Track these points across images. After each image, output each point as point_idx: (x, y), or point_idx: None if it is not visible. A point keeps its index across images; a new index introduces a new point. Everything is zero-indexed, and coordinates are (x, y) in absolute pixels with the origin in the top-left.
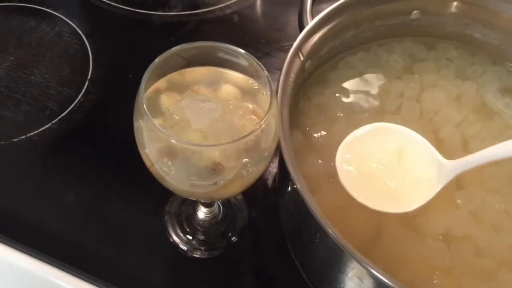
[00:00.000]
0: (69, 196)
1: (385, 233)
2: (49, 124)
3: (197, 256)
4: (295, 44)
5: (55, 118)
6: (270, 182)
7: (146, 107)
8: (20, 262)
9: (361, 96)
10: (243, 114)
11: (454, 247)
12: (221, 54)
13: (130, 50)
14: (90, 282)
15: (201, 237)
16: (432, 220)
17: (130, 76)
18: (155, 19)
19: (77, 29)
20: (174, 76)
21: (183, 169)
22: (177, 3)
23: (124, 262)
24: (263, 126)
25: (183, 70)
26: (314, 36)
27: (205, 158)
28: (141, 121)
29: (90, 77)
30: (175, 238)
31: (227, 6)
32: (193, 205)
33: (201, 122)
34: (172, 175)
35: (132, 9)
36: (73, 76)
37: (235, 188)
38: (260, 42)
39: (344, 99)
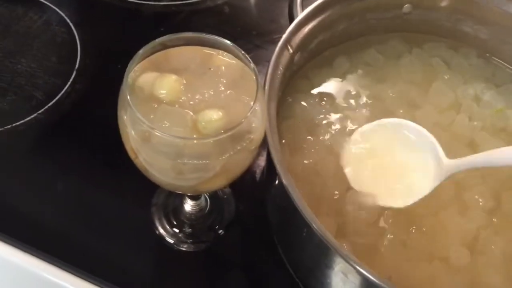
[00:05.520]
0: (55, 187)
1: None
2: (35, 114)
3: (184, 249)
4: (284, 36)
5: (42, 108)
6: (258, 175)
7: (130, 99)
8: (4, 254)
9: (347, 92)
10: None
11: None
12: (207, 46)
13: (119, 40)
14: (76, 274)
15: (188, 230)
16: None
17: (119, 66)
18: (144, 9)
19: (65, 17)
20: (160, 58)
21: (166, 161)
22: None
23: (109, 255)
24: (248, 118)
25: (168, 50)
26: (304, 29)
27: (188, 151)
28: (125, 112)
29: (78, 67)
30: (161, 230)
31: None
32: (179, 197)
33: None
34: (155, 167)
35: None
36: (60, 66)
37: (220, 181)
38: (251, 34)
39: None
